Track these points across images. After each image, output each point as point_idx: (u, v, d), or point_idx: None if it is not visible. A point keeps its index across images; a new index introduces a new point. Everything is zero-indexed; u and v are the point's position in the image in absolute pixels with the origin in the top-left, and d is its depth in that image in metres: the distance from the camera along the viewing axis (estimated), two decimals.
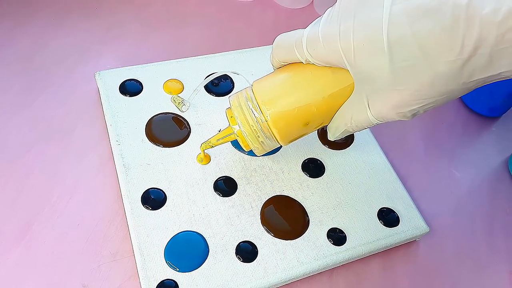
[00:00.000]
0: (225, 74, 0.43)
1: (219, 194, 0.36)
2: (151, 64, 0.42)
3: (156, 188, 0.35)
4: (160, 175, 0.36)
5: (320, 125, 0.31)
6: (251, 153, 0.39)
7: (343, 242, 0.35)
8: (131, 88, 0.40)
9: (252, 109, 0.30)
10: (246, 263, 0.33)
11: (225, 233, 0.34)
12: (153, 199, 0.35)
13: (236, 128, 0.32)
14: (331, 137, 0.33)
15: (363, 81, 0.27)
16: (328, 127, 0.32)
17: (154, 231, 0.33)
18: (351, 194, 0.38)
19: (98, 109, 0.41)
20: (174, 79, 0.41)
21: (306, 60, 0.29)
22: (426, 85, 0.24)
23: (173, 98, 0.39)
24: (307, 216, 0.36)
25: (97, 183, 0.37)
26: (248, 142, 0.32)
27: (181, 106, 0.38)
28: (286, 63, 0.31)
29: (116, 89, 0.40)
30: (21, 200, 0.35)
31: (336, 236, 0.35)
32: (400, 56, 0.24)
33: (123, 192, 0.35)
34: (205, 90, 0.42)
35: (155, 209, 0.34)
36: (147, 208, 0.34)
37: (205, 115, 0.40)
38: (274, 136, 0.31)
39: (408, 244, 0.37)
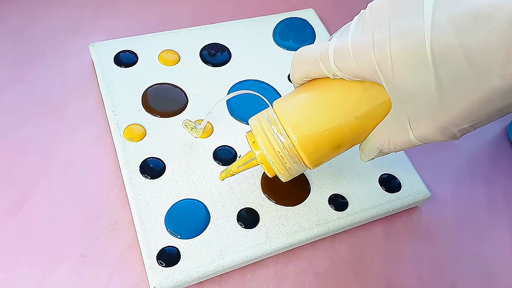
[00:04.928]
0: (222, 45, 0.42)
1: (219, 163, 0.35)
2: (146, 35, 0.42)
3: (155, 158, 0.35)
4: (158, 145, 0.35)
5: (352, 145, 0.28)
6: None
7: (344, 208, 0.35)
8: (126, 59, 0.40)
9: (277, 133, 0.27)
10: (247, 229, 0.32)
11: (226, 201, 0.34)
12: (152, 168, 0.34)
13: (259, 151, 0.29)
14: (364, 158, 0.29)
15: (403, 99, 0.24)
16: (361, 147, 0.29)
17: (153, 200, 0.33)
18: (353, 160, 0.37)
19: (93, 82, 0.40)
20: (169, 50, 0.41)
21: (333, 75, 0.26)
22: (478, 102, 0.21)
23: (185, 123, 0.36)
24: (308, 182, 0.35)
25: (94, 154, 0.36)
26: (274, 169, 0.29)
27: (194, 131, 0.35)
28: (309, 79, 0.28)
29: (111, 61, 0.39)
30: (17, 174, 0.34)
31: (338, 202, 0.35)
32: (446, 70, 0.21)
33: (121, 162, 0.34)
34: (201, 61, 0.41)
35: (154, 178, 0.34)
36: (146, 177, 0.34)
37: (202, 85, 0.39)
38: (302, 161, 0.28)
39: (410, 210, 0.37)
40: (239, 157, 0.33)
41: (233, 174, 0.32)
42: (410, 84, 0.23)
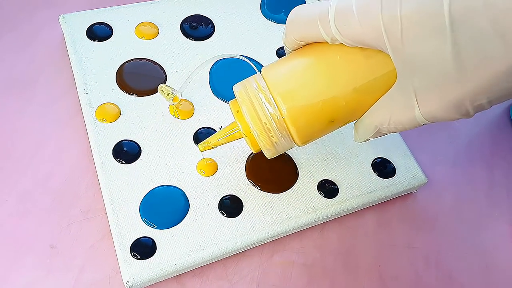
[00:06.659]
0: (205, 17, 0.39)
1: None
2: (122, 6, 0.38)
3: (129, 140, 0.32)
4: (134, 126, 0.33)
5: (347, 122, 0.26)
6: None
7: (335, 195, 0.32)
8: (99, 32, 0.36)
9: (265, 102, 0.24)
10: (230, 218, 0.30)
11: (207, 188, 0.31)
12: (126, 152, 0.31)
13: (242, 124, 0.26)
14: (358, 139, 0.27)
15: (411, 70, 0.21)
16: (356, 126, 0.26)
17: (127, 187, 0.30)
18: (344, 143, 0.35)
19: (64, 57, 0.37)
20: (147, 22, 0.37)
21: (332, 39, 0.23)
22: (502, 74, 0.19)
23: (161, 88, 0.32)
24: (296, 167, 0.33)
25: (64, 136, 0.33)
26: (259, 143, 0.26)
27: (170, 97, 0.31)
28: (304, 43, 0.25)
29: (83, 34, 0.36)
30: None
31: (328, 188, 0.32)
32: (466, 36, 0.18)
33: (92, 145, 0.32)
34: (182, 34, 0.38)
35: (129, 163, 0.31)
36: (119, 162, 0.31)
37: (183, 61, 0.36)
38: (291, 135, 0.25)
39: (405, 197, 0.35)
40: (220, 128, 0.30)
41: (212, 147, 0.29)
42: (421, 52, 0.20)
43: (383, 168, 0.34)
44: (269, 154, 0.27)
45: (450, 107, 0.21)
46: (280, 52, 0.38)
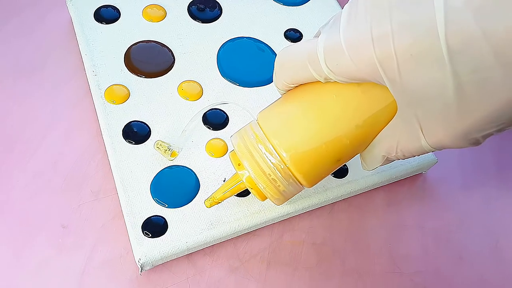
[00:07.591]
0: (214, 1, 0.39)
1: (209, 127, 0.33)
2: None
3: (139, 121, 0.32)
4: (143, 107, 0.33)
5: (354, 156, 0.25)
6: (242, 84, 0.35)
7: (344, 175, 0.32)
8: (107, 15, 0.36)
9: (266, 153, 0.24)
10: (240, 198, 0.30)
11: (217, 167, 0.31)
12: (136, 132, 0.31)
13: (245, 174, 0.25)
14: (367, 167, 0.26)
15: (412, 102, 0.20)
16: (363, 156, 0.25)
17: (138, 167, 0.30)
18: None
19: (71, 40, 0.37)
20: (155, 5, 0.37)
21: (325, 79, 0.22)
22: (508, 103, 0.18)
23: (158, 144, 0.30)
24: None
25: (74, 118, 0.34)
26: (266, 194, 0.25)
27: (168, 153, 0.30)
28: (296, 85, 0.24)
29: (91, 17, 0.36)
30: None
31: (338, 169, 0.32)
32: (467, 66, 0.17)
33: (102, 126, 0.32)
34: (189, 16, 0.37)
35: (139, 143, 0.31)
36: (129, 142, 0.31)
37: (191, 42, 0.36)
38: (298, 181, 0.24)
39: (414, 177, 0.35)
40: (224, 181, 0.30)
41: (219, 202, 0.28)
42: (421, 85, 0.19)
43: None
44: (278, 202, 0.26)
45: (457, 137, 0.20)
46: (288, 34, 0.38)
